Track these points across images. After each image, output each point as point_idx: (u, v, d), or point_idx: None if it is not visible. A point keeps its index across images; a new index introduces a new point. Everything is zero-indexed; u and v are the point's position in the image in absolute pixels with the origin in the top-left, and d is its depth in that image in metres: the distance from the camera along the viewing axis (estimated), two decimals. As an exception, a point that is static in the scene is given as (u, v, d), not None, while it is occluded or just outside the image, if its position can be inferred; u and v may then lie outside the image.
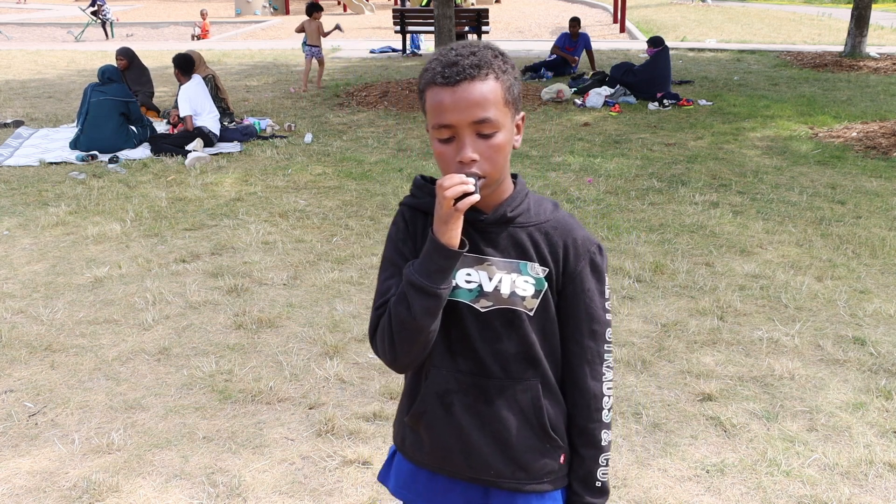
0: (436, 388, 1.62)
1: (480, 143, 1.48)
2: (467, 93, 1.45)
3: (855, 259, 5.18)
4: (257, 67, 15.00)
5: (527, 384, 1.60)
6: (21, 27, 25.36)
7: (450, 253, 1.48)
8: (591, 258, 1.60)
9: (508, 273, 1.56)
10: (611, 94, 10.91)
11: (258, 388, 3.64)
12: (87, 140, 8.21)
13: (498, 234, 1.57)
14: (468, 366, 1.60)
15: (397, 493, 1.74)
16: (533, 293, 1.57)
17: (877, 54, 15.17)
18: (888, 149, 8.13)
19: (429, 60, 1.54)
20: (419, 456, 1.68)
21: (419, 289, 1.49)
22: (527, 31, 21.87)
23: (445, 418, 1.62)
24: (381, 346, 1.57)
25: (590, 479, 1.65)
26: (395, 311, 1.52)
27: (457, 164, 1.48)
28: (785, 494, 2.93)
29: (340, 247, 5.46)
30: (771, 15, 25.77)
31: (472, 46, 1.51)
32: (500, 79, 1.49)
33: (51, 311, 4.48)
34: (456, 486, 1.66)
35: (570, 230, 1.60)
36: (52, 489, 2.99)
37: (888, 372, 3.77)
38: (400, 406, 1.74)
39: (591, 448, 1.64)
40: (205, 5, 26.64)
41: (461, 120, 1.46)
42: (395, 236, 1.63)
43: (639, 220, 5.99)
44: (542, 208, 1.62)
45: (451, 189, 1.42)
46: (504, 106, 1.49)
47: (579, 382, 1.62)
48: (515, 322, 1.57)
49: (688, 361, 3.87)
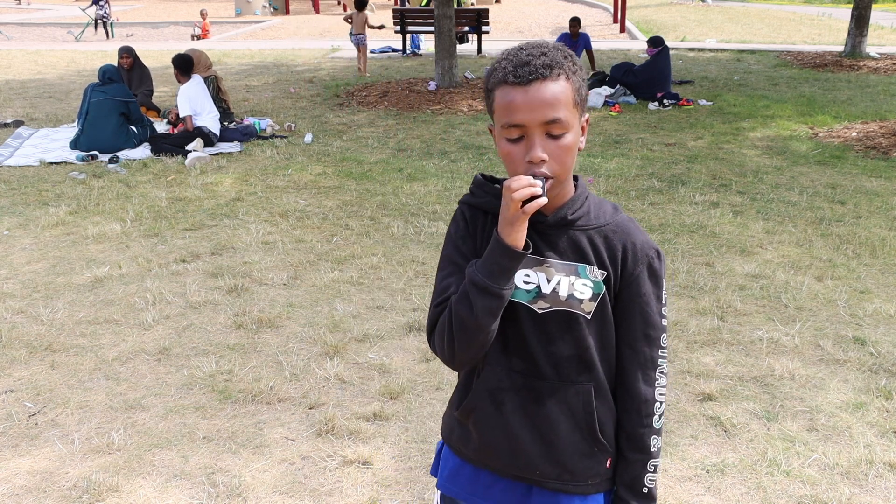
0: (488, 385, 1.62)
1: (550, 144, 1.48)
2: (539, 93, 1.46)
3: (855, 259, 5.18)
4: (257, 67, 15.00)
5: (580, 387, 1.60)
6: (21, 27, 25.36)
7: (515, 254, 1.47)
8: (650, 263, 1.60)
9: (567, 275, 1.56)
10: (611, 94, 10.91)
11: (258, 388, 3.64)
12: (87, 140, 8.21)
13: (558, 237, 1.57)
14: (522, 366, 1.60)
15: (441, 487, 1.75)
16: (591, 296, 1.57)
17: (877, 54, 15.18)
18: (888, 149, 8.13)
19: (497, 60, 1.53)
20: (465, 450, 1.69)
21: (482, 288, 1.49)
22: (527, 31, 21.87)
23: (495, 415, 1.62)
24: (440, 344, 1.57)
25: (636, 485, 1.64)
26: (457, 310, 1.52)
27: (526, 164, 1.47)
28: (785, 494, 2.93)
29: (340, 247, 5.46)
30: (771, 15, 25.77)
31: (543, 47, 1.51)
32: (570, 79, 1.49)
33: (51, 311, 4.49)
34: (499, 483, 1.67)
35: (629, 234, 1.60)
36: (52, 489, 2.99)
37: (888, 372, 3.77)
38: (451, 400, 1.74)
39: (640, 453, 1.63)
40: (205, 5, 26.65)
41: (532, 119, 1.46)
42: (454, 234, 1.63)
43: (639, 219, 5.99)
44: (603, 211, 1.61)
45: (520, 191, 1.41)
46: (573, 107, 1.50)
47: (631, 387, 1.61)
48: (572, 324, 1.57)
49: (688, 361, 3.87)
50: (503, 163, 1.53)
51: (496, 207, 1.56)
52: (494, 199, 1.58)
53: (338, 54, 17.11)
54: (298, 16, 28.30)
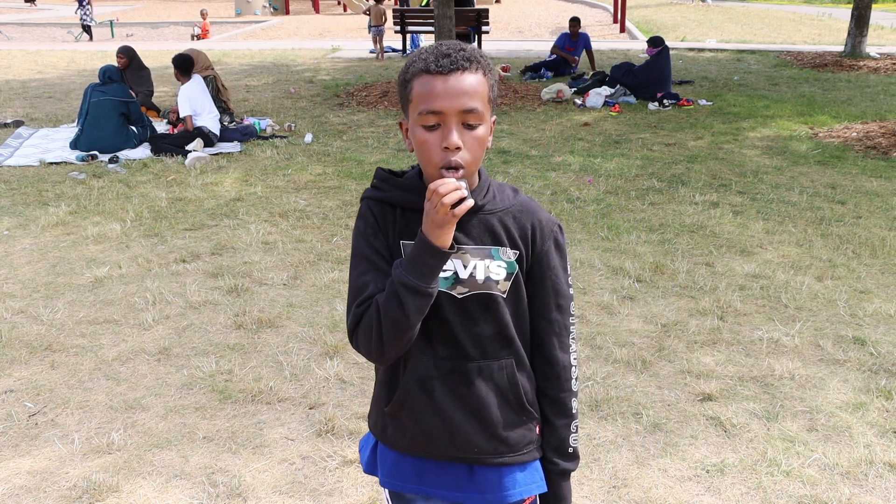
0: (416, 376, 1.66)
1: (465, 134, 1.53)
2: (459, 82, 1.52)
3: (855, 259, 5.18)
4: (257, 67, 15.00)
5: (503, 363, 1.67)
6: (21, 27, 25.36)
7: (443, 254, 1.52)
8: (555, 237, 1.69)
9: (482, 259, 1.62)
10: (611, 94, 10.91)
11: (258, 388, 3.64)
12: (87, 140, 8.21)
13: (469, 223, 1.62)
14: (447, 351, 1.65)
15: (386, 484, 1.77)
16: (505, 276, 1.64)
17: (877, 54, 15.18)
18: (888, 149, 8.13)
19: (416, 54, 1.59)
20: (402, 442, 1.72)
21: (412, 289, 1.52)
22: (527, 31, 21.87)
23: (427, 403, 1.67)
24: (366, 344, 1.60)
25: (563, 446, 1.73)
26: (386, 311, 1.54)
27: (441, 151, 1.53)
28: (785, 494, 2.93)
29: (340, 247, 5.46)
30: (771, 15, 25.77)
31: (460, 44, 1.58)
32: (486, 76, 1.57)
33: (51, 311, 4.49)
34: (441, 468, 1.71)
35: (534, 212, 1.68)
36: (52, 489, 2.99)
37: (888, 372, 3.77)
38: (376, 397, 1.78)
39: (563, 416, 1.72)
40: (205, 5, 26.64)
41: (451, 107, 1.51)
42: (364, 231, 1.65)
43: (639, 220, 5.99)
44: (505, 194, 1.68)
45: (449, 195, 1.45)
46: (488, 102, 1.56)
47: (549, 355, 1.71)
48: (491, 305, 1.64)
49: (688, 361, 3.87)
50: (416, 153, 1.58)
51: (403, 201, 1.63)
52: (401, 192, 1.64)
53: (338, 54, 17.11)
54: (298, 16, 28.30)
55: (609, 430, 3.32)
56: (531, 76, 13.14)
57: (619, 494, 2.92)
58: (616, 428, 3.34)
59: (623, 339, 4.11)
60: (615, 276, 4.90)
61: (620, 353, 3.93)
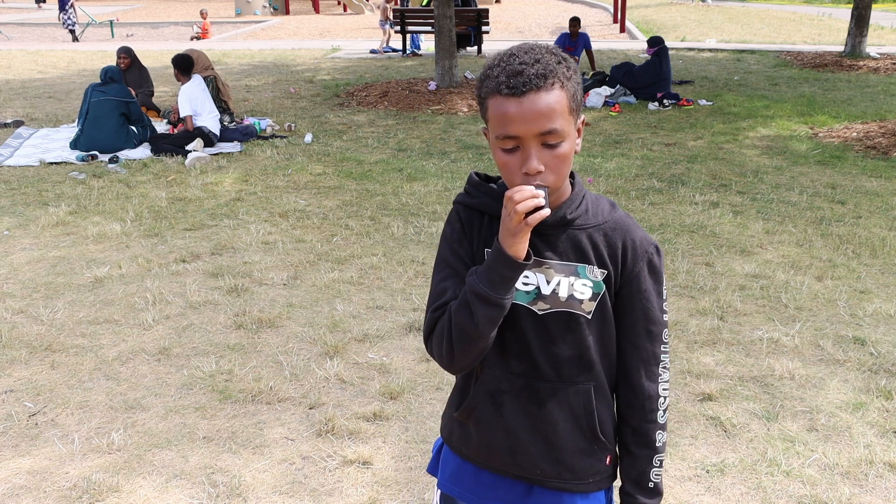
0: (487, 388, 1.62)
1: (545, 154, 1.44)
2: (534, 104, 1.41)
3: (855, 259, 5.18)
4: (257, 67, 15.00)
5: (580, 387, 1.59)
6: (21, 27, 25.36)
7: (516, 265, 1.45)
8: (650, 259, 1.59)
9: (567, 276, 1.55)
10: (611, 94, 10.91)
11: (258, 388, 3.64)
12: (88, 140, 8.21)
13: (557, 237, 1.55)
14: (521, 368, 1.59)
15: (444, 486, 1.75)
16: (591, 296, 1.56)
17: (877, 54, 15.17)
18: (888, 149, 8.13)
19: (489, 66, 1.48)
20: (466, 450, 1.69)
21: (483, 298, 1.46)
22: (527, 31, 21.87)
23: (495, 416, 1.62)
24: (438, 350, 1.55)
25: (643, 480, 1.64)
26: (457, 318, 1.50)
27: (522, 176, 1.45)
28: (785, 494, 2.93)
29: (340, 247, 5.46)
30: (771, 15, 25.77)
31: (536, 52, 1.46)
32: (564, 87, 1.45)
33: (51, 311, 4.48)
34: (500, 482, 1.67)
35: (628, 231, 1.58)
36: (52, 489, 2.99)
37: (888, 372, 3.77)
38: (449, 401, 1.74)
39: (646, 448, 1.63)
40: (205, 5, 26.65)
41: (527, 131, 1.42)
42: (450, 237, 1.60)
43: (639, 219, 5.99)
44: (600, 209, 1.59)
45: (523, 203, 1.38)
46: (569, 115, 1.46)
47: (634, 383, 1.61)
48: (572, 325, 1.56)
49: (688, 361, 3.87)
50: (499, 170, 1.52)
51: (493, 208, 1.55)
52: (491, 199, 1.57)
53: (338, 54, 17.11)
54: (298, 16, 28.30)
55: (609, 430, 3.32)
56: (531, 76, 13.12)
57: (619, 494, 2.92)
58: (616, 428, 3.33)
59: (623, 339, 4.10)
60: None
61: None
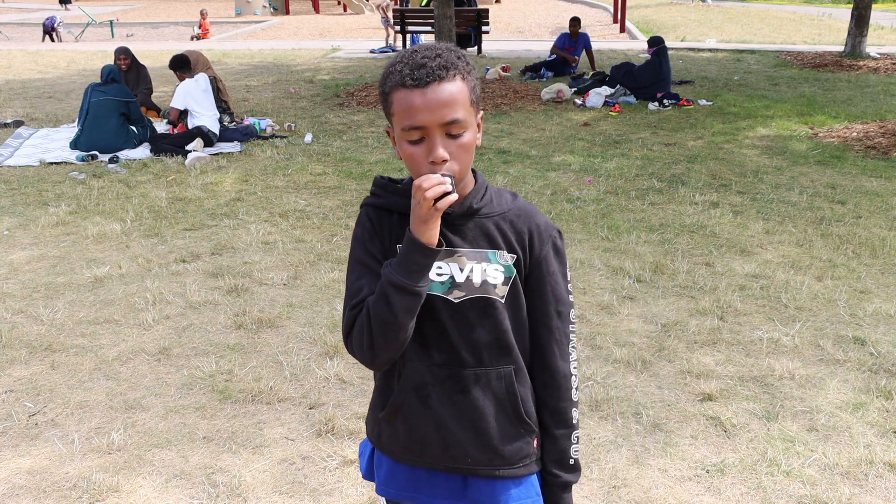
0: (411, 382, 1.65)
1: (450, 143, 1.52)
2: (437, 94, 1.49)
3: (855, 259, 5.18)
4: (257, 67, 15.00)
5: (501, 371, 1.64)
6: (21, 27, 25.37)
7: (430, 252, 1.51)
8: (554, 242, 1.67)
9: (478, 262, 1.61)
10: (611, 94, 10.91)
11: (258, 388, 3.64)
12: (88, 140, 8.21)
13: (465, 226, 1.62)
14: (443, 358, 1.63)
15: (381, 492, 1.76)
16: (503, 280, 1.62)
17: (877, 54, 15.17)
18: (888, 149, 8.13)
19: (391, 63, 1.55)
20: (397, 449, 1.71)
21: (399, 287, 1.51)
22: (527, 31, 21.87)
23: (422, 410, 1.65)
24: (359, 346, 1.58)
25: (564, 458, 1.70)
26: (375, 311, 1.53)
27: (428, 165, 1.51)
28: (785, 494, 2.93)
29: (340, 247, 5.46)
30: (771, 15, 25.77)
31: (436, 49, 1.54)
32: (465, 79, 1.53)
33: (51, 311, 4.48)
34: (436, 477, 1.69)
35: (532, 216, 1.66)
36: (52, 489, 2.99)
37: (888, 372, 3.77)
38: (372, 404, 1.76)
39: (564, 427, 1.69)
40: (205, 5, 26.64)
41: (432, 121, 1.49)
42: (361, 237, 1.65)
43: (639, 220, 5.99)
44: (504, 199, 1.67)
45: (432, 189, 1.44)
46: (470, 106, 1.54)
47: (549, 364, 1.68)
48: (489, 310, 1.62)
49: (688, 361, 3.87)
50: (405, 164, 1.56)
51: (401, 206, 1.61)
52: (399, 198, 1.63)
53: (338, 54, 17.11)
54: (298, 16, 28.29)
55: (609, 430, 3.32)
56: (531, 76, 13.13)
57: (619, 494, 2.92)
58: (616, 428, 3.34)
59: (623, 339, 4.11)
60: (615, 276, 4.90)
61: (620, 353, 3.93)
